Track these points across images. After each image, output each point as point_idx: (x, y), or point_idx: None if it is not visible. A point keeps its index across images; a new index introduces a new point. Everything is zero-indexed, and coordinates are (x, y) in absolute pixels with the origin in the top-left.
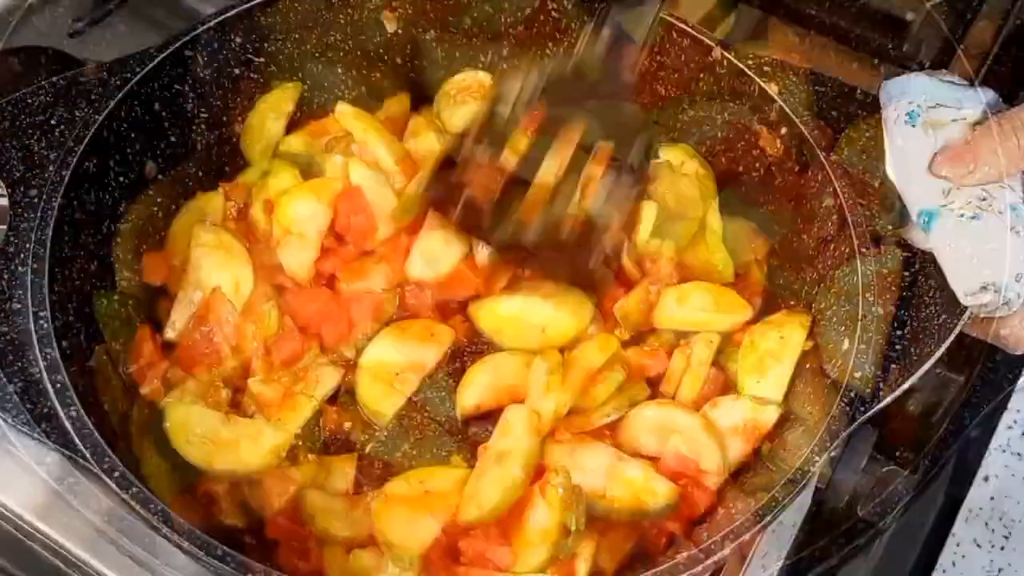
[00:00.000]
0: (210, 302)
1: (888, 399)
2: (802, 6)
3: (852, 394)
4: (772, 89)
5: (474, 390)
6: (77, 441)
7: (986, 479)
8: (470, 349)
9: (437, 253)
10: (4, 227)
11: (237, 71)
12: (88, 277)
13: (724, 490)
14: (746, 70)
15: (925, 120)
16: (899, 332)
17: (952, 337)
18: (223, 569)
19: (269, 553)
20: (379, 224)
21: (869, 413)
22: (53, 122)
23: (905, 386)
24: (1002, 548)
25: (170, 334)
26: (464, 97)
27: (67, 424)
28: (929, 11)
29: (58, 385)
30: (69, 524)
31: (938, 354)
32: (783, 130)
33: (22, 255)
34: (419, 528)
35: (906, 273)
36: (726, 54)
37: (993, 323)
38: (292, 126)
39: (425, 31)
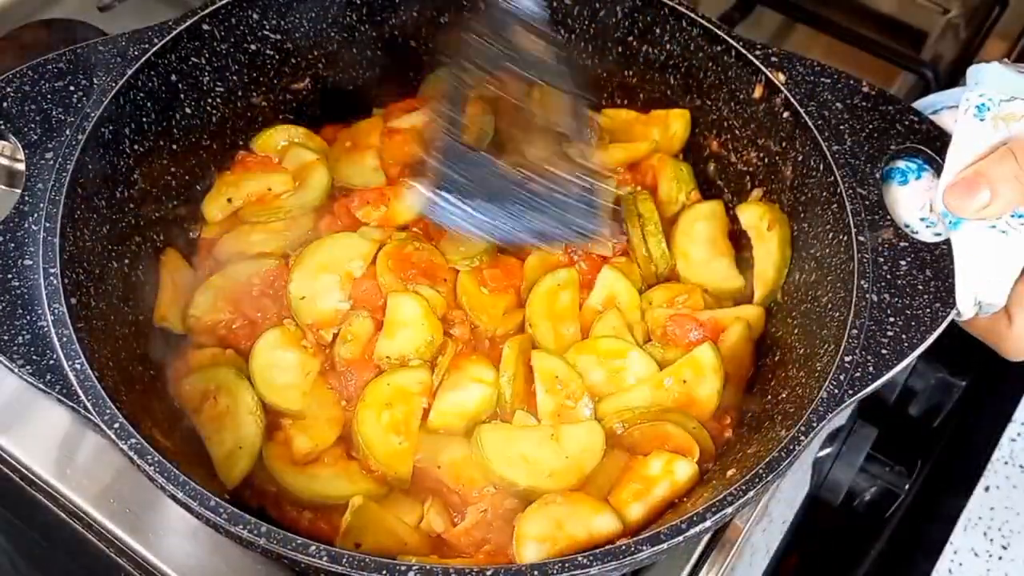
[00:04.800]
0: None
1: (877, 383)
2: (820, 12)
3: (841, 376)
4: (779, 79)
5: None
6: (80, 392)
7: (987, 489)
8: None
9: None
10: (20, 189)
11: (254, 47)
12: (99, 239)
13: (707, 470)
14: (753, 60)
15: (996, 114)
16: (891, 319)
17: (943, 326)
18: (215, 520)
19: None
20: None
21: (858, 396)
22: (71, 88)
23: (895, 371)
24: (1000, 558)
25: None
26: None
27: (71, 376)
28: (947, 23)
29: (64, 339)
30: (77, 480)
31: (929, 341)
32: (787, 121)
33: (36, 214)
34: None
35: (902, 263)
36: (733, 43)
37: (994, 325)
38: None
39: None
